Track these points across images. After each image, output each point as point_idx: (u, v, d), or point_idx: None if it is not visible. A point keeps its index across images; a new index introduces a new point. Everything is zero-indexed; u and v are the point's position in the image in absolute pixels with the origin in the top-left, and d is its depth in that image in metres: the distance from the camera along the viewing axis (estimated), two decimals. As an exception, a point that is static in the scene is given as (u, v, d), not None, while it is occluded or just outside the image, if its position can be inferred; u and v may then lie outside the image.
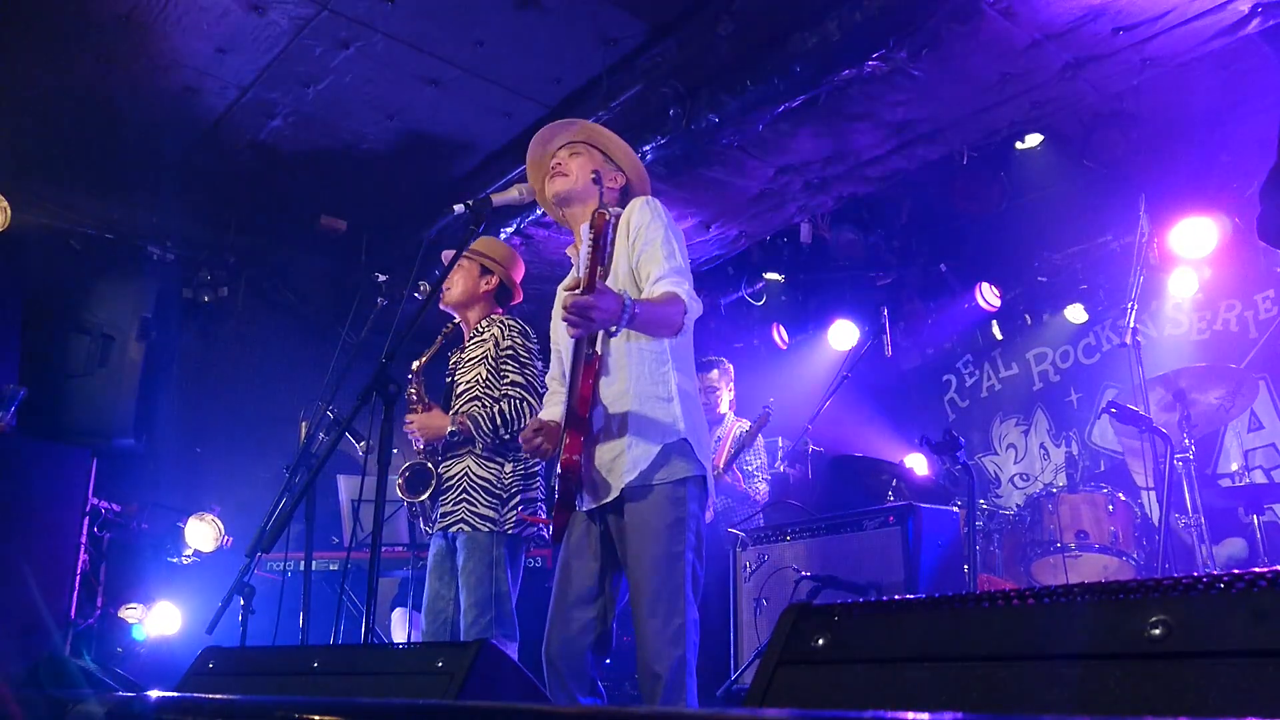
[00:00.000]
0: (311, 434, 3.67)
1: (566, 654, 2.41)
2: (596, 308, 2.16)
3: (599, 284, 2.19)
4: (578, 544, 2.52)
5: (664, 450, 2.41)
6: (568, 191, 2.71)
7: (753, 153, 4.64)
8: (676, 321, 2.40)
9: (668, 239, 2.50)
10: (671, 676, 2.26)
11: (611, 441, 2.46)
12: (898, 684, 0.90)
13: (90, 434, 5.20)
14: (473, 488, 3.27)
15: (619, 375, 2.49)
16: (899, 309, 6.65)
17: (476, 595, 3.16)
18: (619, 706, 2.39)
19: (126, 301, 5.41)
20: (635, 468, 2.40)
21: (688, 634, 2.31)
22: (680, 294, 2.41)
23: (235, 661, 2.07)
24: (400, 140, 5.27)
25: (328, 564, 4.79)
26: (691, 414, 2.49)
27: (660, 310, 2.37)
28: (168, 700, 1.42)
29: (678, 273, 2.46)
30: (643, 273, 2.50)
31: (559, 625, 2.45)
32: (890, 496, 4.97)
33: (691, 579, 2.37)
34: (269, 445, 5.89)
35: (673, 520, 2.37)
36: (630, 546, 2.39)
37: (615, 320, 2.22)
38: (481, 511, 3.23)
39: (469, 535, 3.23)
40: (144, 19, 4.25)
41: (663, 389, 2.48)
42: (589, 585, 2.47)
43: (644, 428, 2.43)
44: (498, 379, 3.37)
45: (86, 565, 4.71)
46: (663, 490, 2.39)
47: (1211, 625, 0.74)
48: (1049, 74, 3.96)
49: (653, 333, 2.43)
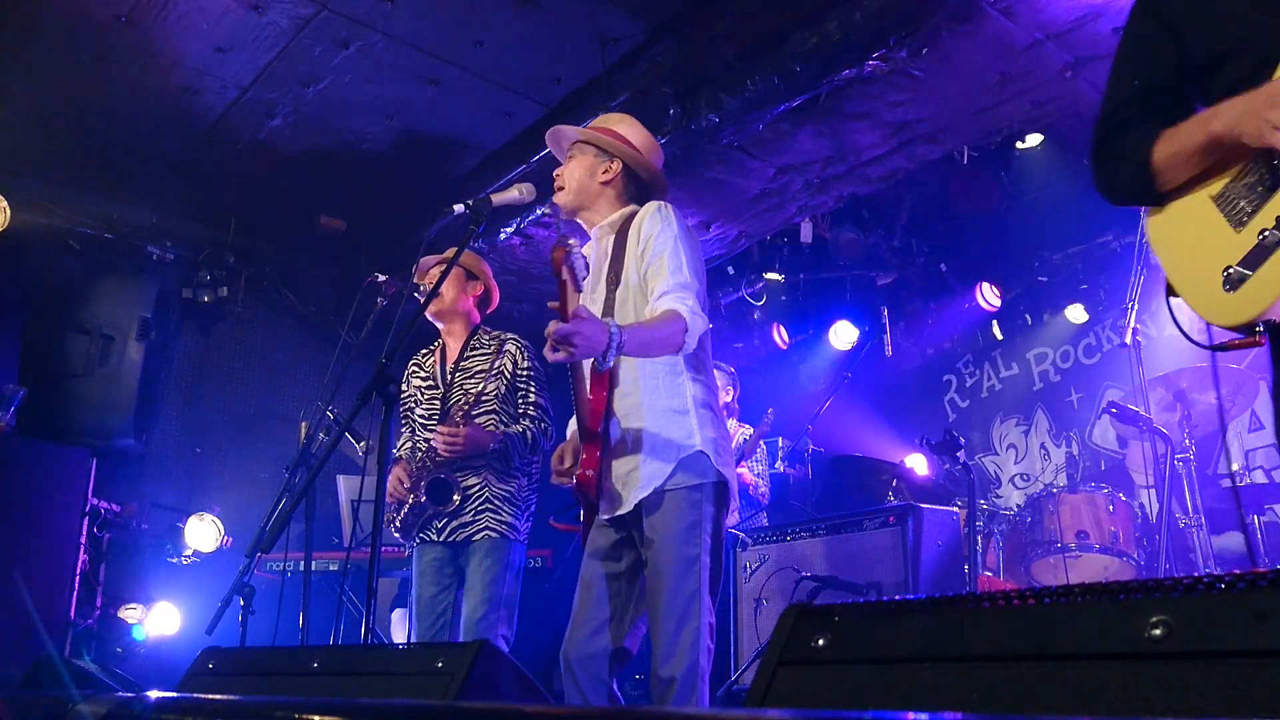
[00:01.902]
0: (311, 434, 3.67)
1: (582, 657, 2.40)
2: (579, 333, 2.11)
3: (581, 310, 2.13)
4: (597, 548, 2.52)
5: (680, 464, 2.39)
6: (567, 204, 2.69)
7: (753, 153, 4.64)
8: (676, 341, 2.35)
9: (676, 250, 2.45)
10: (683, 681, 2.25)
11: (626, 456, 2.43)
12: (898, 684, 0.90)
13: (90, 434, 5.20)
14: (495, 498, 3.38)
15: (633, 389, 2.46)
16: (899, 309, 6.65)
17: (491, 593, 3.26)
18: (619, 706, 2.39)
19: (126, 301, 5.41)
20: (649, 484, 2.39)
21: (702, 639, 2.29)
22: (682, 311, 2.35)
23: (235, 662, 2.07)
24: (400, 140, 5.27)
25: (328, 564, 4.79)
26: (708, 424, 2.46)
27: (654, 332, 2.32)
28: (168, 700, 1.42)
29: (682, 288, 2.40)
30: (649, 285, 2.46)
31: (577, 628, 2.44)
32: (890, 497, 4.98)
33: (710, 583, 2.36)
34: (269, 445, 5.90)
35: (689, 524, 2.35)
36: (648, 552, 2.39)
37: (601, 349, 2.16)
38: (506, 520, 3.36)
39: (494, 541, 3.33)
40: (143, 19, 4.25)
41: (677, 401, 2.45)
42: (606, 589, 2.47)
43: (658, 444, 2.41)
44: (515, 397, 3.49)
45: (86, 565, 4.71)
46: (678, 495, 2.38)
47: (1212, 625, 0.74)
48: (1049, 74, 3.96)
49: (649, 355, 2.39)
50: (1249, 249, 1.53)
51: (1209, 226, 1.62)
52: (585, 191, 2.67)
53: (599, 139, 2.71)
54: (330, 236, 6.09)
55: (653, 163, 2.74)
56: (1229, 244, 1.57)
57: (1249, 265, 1.53)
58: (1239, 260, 1.54)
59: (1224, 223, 1.59)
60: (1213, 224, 1.61)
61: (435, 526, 3.39)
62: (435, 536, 3.39)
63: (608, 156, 2.70)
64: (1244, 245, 1.54)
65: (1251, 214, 1.55)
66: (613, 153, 2.69)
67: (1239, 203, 1.58)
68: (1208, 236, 1.62)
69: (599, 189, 2.67)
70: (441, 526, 3.37)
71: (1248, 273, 1.53)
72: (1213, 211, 1.62)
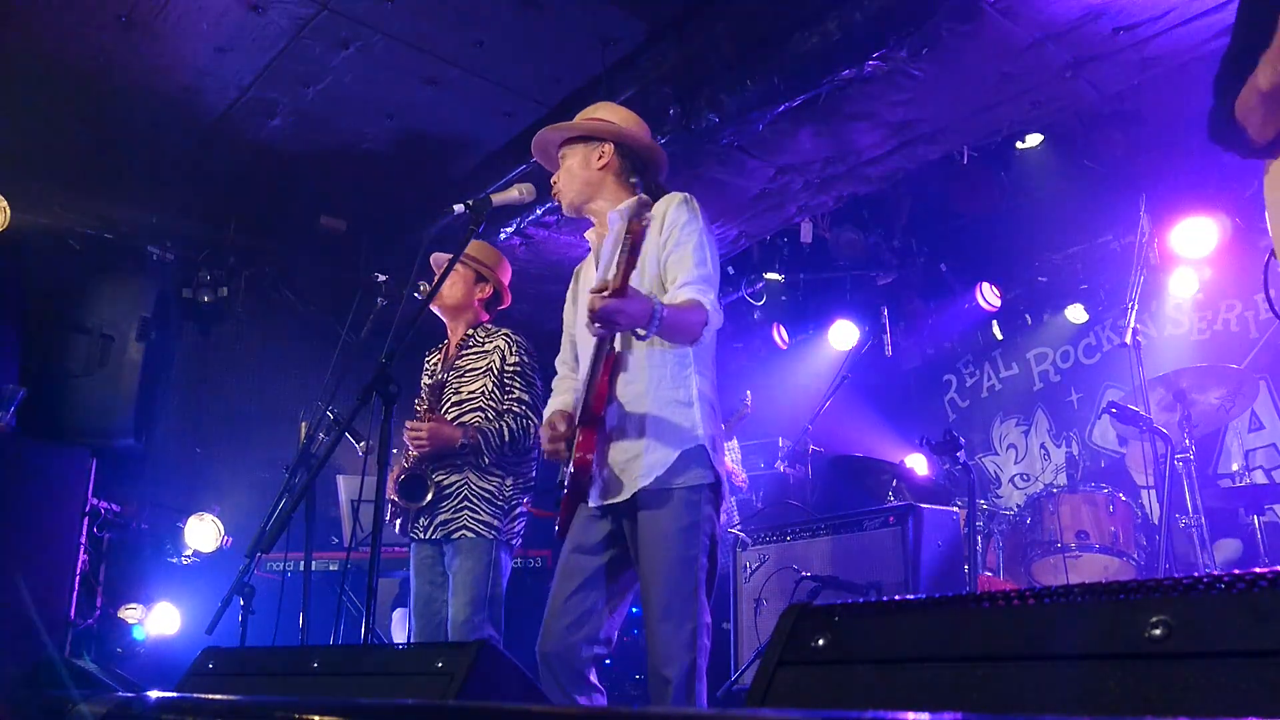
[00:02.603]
0: (311, 434, 3.67)
1: (561, 650, 2.38)
2: (623, 312, 2.15)
3: (630, 288, 2.15)
4: (582, 538, 2.49)
5: (682, 456, 2.38)
6: (572, 200, 2.69)
7: (753, 153, 4.63)
8: (696, 331, 2.38)
9: (701, 244, 2.46)
10: (680, 681, 2.25)
11: (627, 441, 2.43)
12: (898, 684, 0.90)
13: (90, 434, 5.19)
14: (474, 497, 3.32)
15: (639, 375, 2.45)
16: (899, 309, 6.65)
17: (473, 594, 3.21)
18: (619, 706, 2.39)
19: (126, 301, 5.41)
20: (651, 473, 2.38)
21: (700, 638, 2.29)
22: (705, 303, 2.38)
23: (235, 662, 2.07)
24: (400, 140, 5.27)
25: (328, 564, 4.80)
26: (710, 419, 2.46)
27: (684, 316, 2.35)
28: (168, 700, 1.42)
29: (705, 280, 2.42)
30: (670, 274, 2.46)
31: (555, 619, 2.42)
32: (890, 497, 4.97)
33: (706, 583, 2.35)
34: (269, 445, 5.89)
35: (688, 524, 2.35)
36: (644, 550, 2.37)
37: (642, 324, 2.20)
38: (484, 519, 3.30)
39: (471, 540, 3.28)
40: (143, 19, 4.25)
41: (683, 393, 2.44)
42: (589, 579, 2.44)
43: (662, 432, 2.40)
44: (502, 393, 3.43)
45: (86, 566, 4.70)
46: (679, 495, 2.37)
47: (1211, 625, 0.74)
48: (1049, 74, 3.95)
49: (673, 339, 2.40)
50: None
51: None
52: (588, 183, 2.67)
53: (585, 128, 2.70)
54: (330, 236, 6.09)
55: (642, 136, 2.73)
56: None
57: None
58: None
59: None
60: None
61: (420, 524, 3.38)
62: (422, 534, 3.38)
63: (598, 142, 2.69)
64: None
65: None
66: (603, 137, 2.68)
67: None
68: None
69: (599, 176, 2.67)
70: (427, 524, 3.36)
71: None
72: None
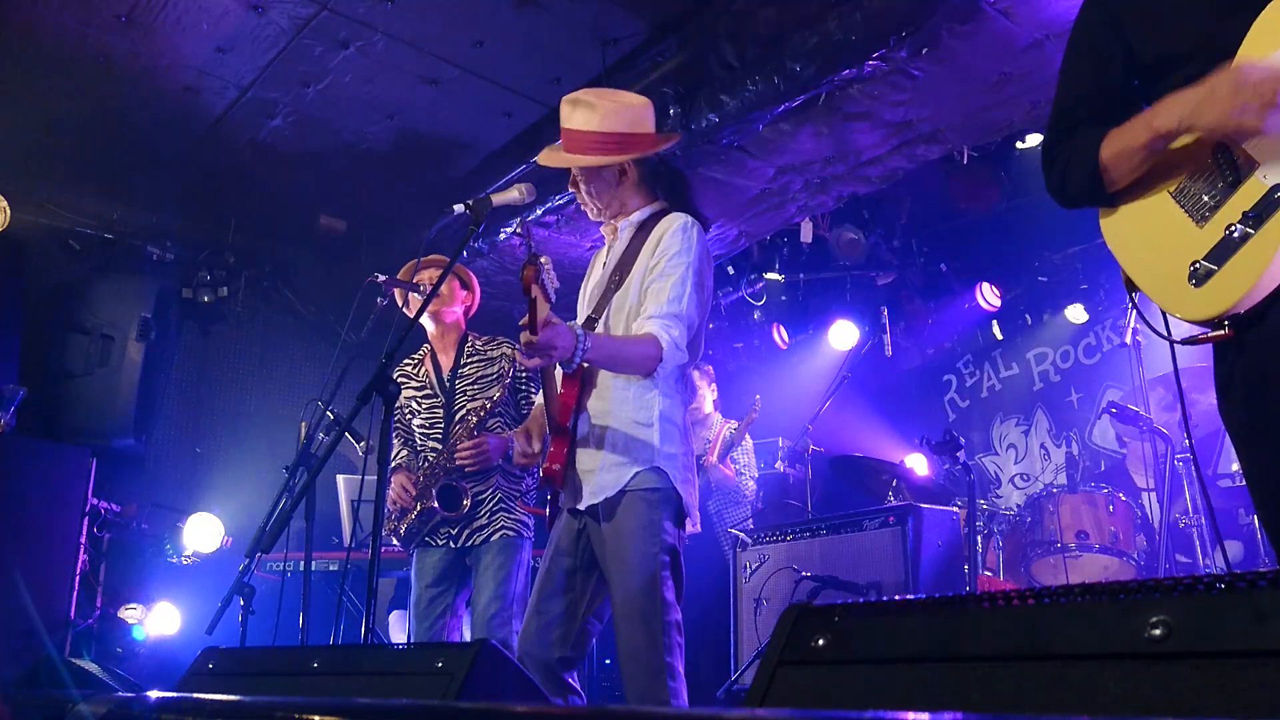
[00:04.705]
0: (311, 434, 3.67)
1: (535, 650, 2.42)
2: (556, 347, 2.19)
3: (550, 318, 2.18)
4: (558, 543, 2.55)
5: (636, 475, 2.42)
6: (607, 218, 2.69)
7: (753, 153, 4.63)
8: (646, 366, 2.39)
9: (683, 280, 2.44)
10: (648, 679, 2.27)
11: (590, 451, 2.48)
12: (898, 684, 0.90)
13: (90, 434, 5.20)
14: (508, 498, 3.49)
15: (605, 393, 2.49)
16: (899, 309, 6.65)
17: (504, 589, 3.34)
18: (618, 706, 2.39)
19: (126, 301, 5.41)
20: (604, 492, 2.42)
21: (668, 636, 2.30)
22: (661, 340, 2.37)
23: (235, 662, 2.07)
24: (400, 140, 5.27)
25: (328, 564, 4.79)
26: (671, 440, 2.46)
27: (625, 349, 2.38)
28: (168, 700, 1.41)
29: (673, 317, 2.41)
30: (644, 302, 2.47)
31: (534, 618, 2.47)
32: (890, 497, 4.97)
33: (672, 582, 2.36)
34: (269, 445, 5.89)
35: (646, 522, 2.37)
36: (606, 551, 2.42)
37: (566, 355, 2.23)
38: (518, 518, 3.48)
39: (508, 539, 3.42)
40: (143, 19, 4.25)
41: (644, 414, 2.45)
42: (561, 581, 2.49)
43: (619, 452, 2.44)
44: (516, 398, 3.60)
45: (86, 566, 4.70)
46: (634, 496, 2.40)
47: (1211, 625, 0.74)
48: (1049, 74, 3.94)
49: (614, 369, 2.44)
50: (1214, 244, 1.53)
51: (1170, 223, 1.62)
52: (615, 199, 2.67)
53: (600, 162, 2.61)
54: (330, 236, 6.09)
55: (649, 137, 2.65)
56: (1192, 240, 1.57)
57: (1215, 260, 1.53)
58: (1204, 255, 1.54)
59: (1186, 218, 1.59)
60: (1174, 220, 1.61)
61: (445, 532, 3.43)
62: (442, 542, 3.43)
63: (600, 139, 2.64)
64: (1209, 240, 1.54)
65: (1214, 209, 1.55)
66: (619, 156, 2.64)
67: (1200, 198, 1.58)
68: (1169, 233, 1.61)
69: (623, 190, 2.66)
70: (455, 533, 3.42)
71: (1214, 267, 1.53)
72: (1173, 208, 1.62)
